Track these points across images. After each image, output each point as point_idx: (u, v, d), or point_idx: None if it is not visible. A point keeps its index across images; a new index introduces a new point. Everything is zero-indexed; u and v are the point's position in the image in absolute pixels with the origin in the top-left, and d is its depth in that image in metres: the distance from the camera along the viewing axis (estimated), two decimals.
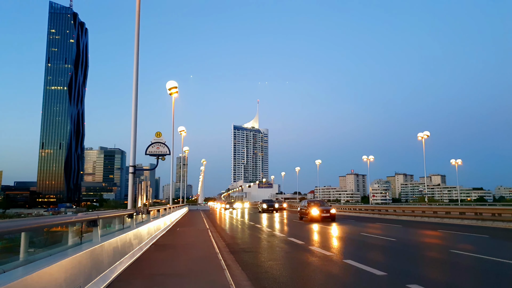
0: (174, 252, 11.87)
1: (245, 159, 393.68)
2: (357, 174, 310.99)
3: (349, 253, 11.66)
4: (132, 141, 14.11)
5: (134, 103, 14.33)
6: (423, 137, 53.28)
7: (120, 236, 8.92)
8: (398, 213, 33.25)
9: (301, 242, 14.56)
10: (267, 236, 17.94)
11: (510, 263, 9.40)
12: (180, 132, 45.94)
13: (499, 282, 7.62)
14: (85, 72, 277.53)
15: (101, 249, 7.12)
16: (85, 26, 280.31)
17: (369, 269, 8.63)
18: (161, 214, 20.89)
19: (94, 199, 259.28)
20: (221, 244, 14.67)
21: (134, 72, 14.53)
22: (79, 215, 6.54)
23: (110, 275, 7.29)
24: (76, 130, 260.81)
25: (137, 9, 14.86)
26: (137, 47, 14.67)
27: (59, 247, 6.33)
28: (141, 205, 13.12)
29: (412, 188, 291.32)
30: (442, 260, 10.39)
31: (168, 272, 8.55)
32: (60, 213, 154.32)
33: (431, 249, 13.08)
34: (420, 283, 7.12)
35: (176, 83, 28.24)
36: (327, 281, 7.81)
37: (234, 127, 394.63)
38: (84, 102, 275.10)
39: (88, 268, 6.21)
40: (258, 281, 7.75)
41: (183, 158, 79.30)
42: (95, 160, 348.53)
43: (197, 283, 7.46)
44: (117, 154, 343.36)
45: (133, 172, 14.01)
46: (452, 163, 68.69)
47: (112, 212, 9.75)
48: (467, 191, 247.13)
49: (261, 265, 9.84)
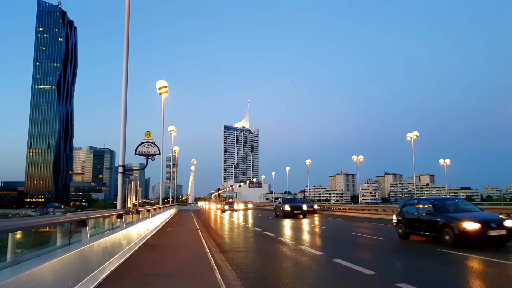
0: (164, 252, 11.83)
1: (236, 159, 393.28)
2: (347, 174, 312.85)
3: (339, 253, 11.73)
4: (121, 141, 14.02)
5: (124, 103, 14.23)
6: (412, 137, 53.76)
7: (109, 236, 8.86)
8: (387, 212, 33.50)
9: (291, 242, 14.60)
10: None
11: (495, 261, 9.55)
12: (170, 131, 45.73)
13: (489, 281, 7.73)
14: (74, 71, 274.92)
15: (90, 250, 7.06)
16: (74, 25, 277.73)
17: (359, 268, 8.70)
18: (151, 214, 20.80)
19: (83, 199, 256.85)
20: (211, 244, 14.66)
21: (124, 71, 14.43)
22: (68, 215, 6.48)
23: (99, 276, 7.25)
24: (64, 130, 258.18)
25: (127, 8, 14.77)
26: (126, 46, 14.58)
27: (48, 247, 6.27)
28: (130, 205, 13.04)
29: (401, 188, 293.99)
30: (430, 259, 10.50)
31: (158, 272, 8.51)
32: (49, 213, 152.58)
33: (420, 248, 13.21)
34: (409, 282, 7.19)
35: (166, 83, 28.12)
36: (317, 280, 7.86)
37: (224, 127, 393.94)
38: (73, 101, 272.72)
39: (76, 268, 6.16)
40: (248, 281, 7.77)
41: (173, 158, 78.82)
42: (84, 160, 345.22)
43: (187, 283, 7.44)
44: (106, 154, 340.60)
45: (122, 172, 13.92)
46: (441, 163, 69.44)
47: (101, 212, 9.69)
48: (455, 191, 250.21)
49: (251, 264, 9.85)
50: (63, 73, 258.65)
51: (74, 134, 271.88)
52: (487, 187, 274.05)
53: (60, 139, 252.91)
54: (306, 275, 8.44)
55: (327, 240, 15.98)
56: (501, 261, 9.47)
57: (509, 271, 8.62)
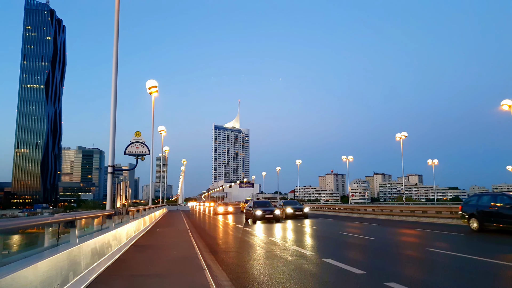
0: (154, 253, 11.76)
1: (226, 159, 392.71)
2: (337, 174, 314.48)
3: (329, 253, 11.79)
4: (111, 141, 13.91)
5: (113, 103, 14.12)
6: (401, 137, 54.19)
7: (98, 237, 8.79)
8: (376, 212, 33.77)
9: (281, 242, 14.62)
10: None
11: (483, 260, 9.67)
12: (160, 131, 45.50)
13: (473, 279, 7.83)
14: (63, 70, 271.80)
15: (79, 251, 7.00)
16: (62, 24, 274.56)
17: (349, 268, 8.75)
18: (141, 215, 20.68)
19: (72, 199, 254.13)
20: (201, 244, 14.62)
21: (113, 71, 14.32)
22: (56, 216, 6.41)
23: (88, 277, 7.18)
24: (53, 129, 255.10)
25: (116, 8, 14.66)
26: (116, 46, 14.47)
27: (35, 249, 6.19)
28: (120, 205, 12.95)
29: (390, 188, 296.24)
30: (419, 258, 10.61)
31: (147, 272, 8.46)
32: (36, 214, 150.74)
33: (408, 247, 13.33)
34: (398, 281, 7.26)
35: (156, 82, 27.95)
36: (307, 279, 7.88)
37: (215, 127, 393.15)
38: (62, 101, 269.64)
39: (65, 270, 6.09)
40: (238, 281, 7.76)
41: (163, 158, 78.43)
42: (73, 160, 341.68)
43: (177, 283, 7.41)
44: (95, 154, 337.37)
45: (112, 172, 13.81)
46: (429, 163, 70.21)
47: (90, 212, 9.61)
48: (443, 191, 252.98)
49: (242, 264, 9.85)
50: (51, 72, 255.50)
51: (63, 134, 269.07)
52: (474, 187, 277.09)
53: (48, 139, 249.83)
54: (296, 274, 8.46)
55: (315, 240, 16.02)
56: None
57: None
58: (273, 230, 20.86)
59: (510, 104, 35.78)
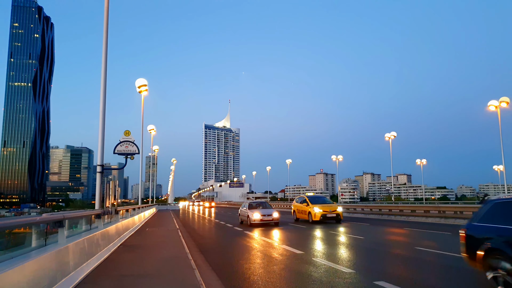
0: (143, 253, 11.70)
1: (216, 158, 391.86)
2: (326, 174, 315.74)
3: (319, 252, 11.84)
4: (100, 140, 13.79)
5: (102, 101, 14.00)
6: (390, 137, 54.69)
7: (87, 236, 8.72)
8: (366, 211, 34.00)
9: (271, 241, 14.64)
10: None
11: None
12: (150, 130, 45.24)
13: (460, 277, 7.94)
14: (51, 68, 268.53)
15: (67, 251, 6.93)
16: (50, 21, 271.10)
17: (338, 267, 8.80)
18: (130, 214, 20.55)
19: (60, 199, 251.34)
20: (191, 244, 14.57)
21: (103, 69, 14.20)
22: (44, 216, 6.34)
23: (76, 277, 7.11)
24: (41, 128, 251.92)
25: (106, 6, 14.53)
26: (105, 44, 14.34)
27: (22, 249, 6.11)
28: (109, 205, 12.85)
29: (379, 187, 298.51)
30: (407, 257, 10.72)
31: (137, 272, 8.42)
32: (23, 213, 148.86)
33: (397, 246, 13.46)
34: (386, 280, 7.32)
35: (146, 81, 27.81)
36: (296, 278, 7.91)
37: (205, 126, 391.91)
38: (50, 99, 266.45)
39: (53, 270, 6.03)
40: (229, 280, 7.76)
41: (152, 157, 78.01)
42: (61, 159, 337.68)
43: (167, 283, 7.38)
44: (84, 153, 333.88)
45: (101, 171, 13.69)
46: (417, 163, 70.93)
47: (78, 212, 9.52)
48: (432, 190, 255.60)
49: (232, 264, 9.84)
50: (39, 70, 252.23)
51: (51, 133, 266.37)
52: (461, 186, 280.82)
53: (36, 138, 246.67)
54: (286, 274, 8.49)
55: (305, 239, 16.08)
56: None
57: None
58: (262, 229, 20.82)
59: (496, 105, 36.38)
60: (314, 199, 26.38)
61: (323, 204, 25.39)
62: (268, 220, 22.99)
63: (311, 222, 24.24)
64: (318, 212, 23.96)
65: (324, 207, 24.51)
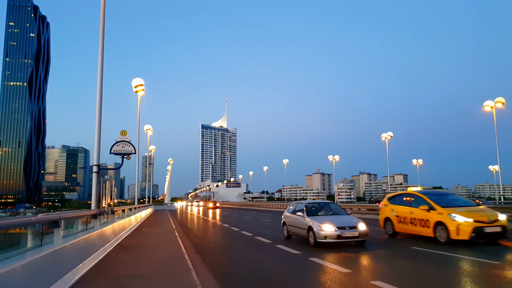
0: (139, 253, 11.67)
1: (213, 158, 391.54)
2: (323, 174, 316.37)
3: (315, 252, 11.83)
4: (96, 140, 13.75)
5: (99, 101, 13.96)
6: (387, 137, 54.80)
7: (83, 237, 8.69)
8: (362, 211, 34.08)
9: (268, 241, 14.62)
10: None
11: (460, 257, 9.83)
12: (146, 130, 45.16)
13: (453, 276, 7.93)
14: (47, 68, 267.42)
15: (63, 251, 6.90)
16: (46, 20, 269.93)
17: (335, 267, 8.81)
18: (126, 215, 20.50)
19: (56, 199, 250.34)
20: (188, 244, 14.54)
21: (99, 68, 14.16)
22: (40, 216, 6.31)
23: (72, 277, 7.08)
24: (36, 128, 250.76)
25: (102, 6, 14.49)
26: (102, 43, 14.30)
27: (18, 249, 6.08)
28: (105, 205, 12.80)
29: (376, 187, 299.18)
30: (404, 257, 10.74)
31: (133, 273, 8.39)
32: (19, 214, 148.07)
33: (393, 246, 13.48)
34: (383, 280, 7.34)
35: (142, 81, 27.78)
36: (294, 278, 7.90)
37: (202, 126, 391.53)
38: (46, 99, 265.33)
39: (48, 271, 6.01)
40: (225, 280, 7.74)
41: (149, 157, 77.85)
42: (57, 159, 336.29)
43: (164, 284, 7.36)
44: (80, 153, 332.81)
45: (97, 171, 13.66)
46: (414, 163, 71.24)
47: (75, 212, 9.48)
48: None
49: (229, 264, 9.82)
50: (35, 69, 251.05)
51: (47, 133, 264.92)
52: (457, 186, 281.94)
53: (32, 138, 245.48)
54: (284, 275, 8.48)
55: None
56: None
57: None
58: (258, 227, 20.70)
59: (492, 105, 36.53)
60: (440, 197, 14.14)
61: (465, 207, 13.17)
62: (351, 237, 12.46)
63: (444, 241, 12.43)
64: (466, 223, 11.95)
65: (473, 213, 12.39)
